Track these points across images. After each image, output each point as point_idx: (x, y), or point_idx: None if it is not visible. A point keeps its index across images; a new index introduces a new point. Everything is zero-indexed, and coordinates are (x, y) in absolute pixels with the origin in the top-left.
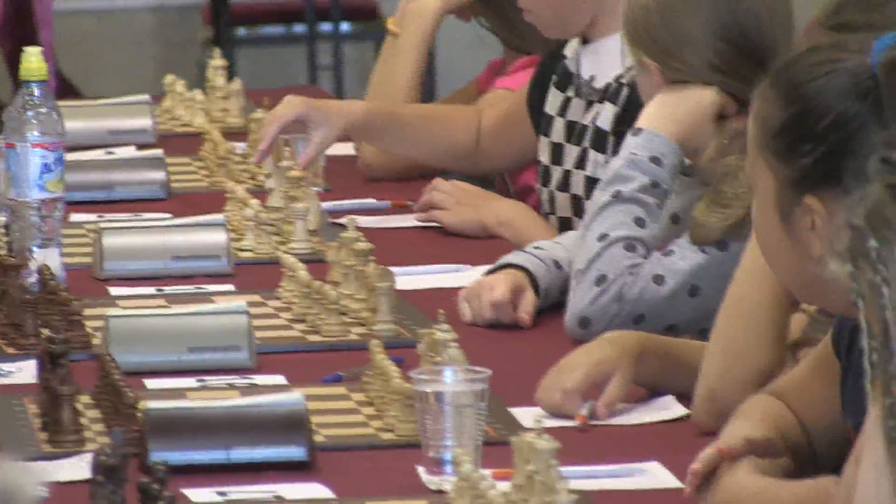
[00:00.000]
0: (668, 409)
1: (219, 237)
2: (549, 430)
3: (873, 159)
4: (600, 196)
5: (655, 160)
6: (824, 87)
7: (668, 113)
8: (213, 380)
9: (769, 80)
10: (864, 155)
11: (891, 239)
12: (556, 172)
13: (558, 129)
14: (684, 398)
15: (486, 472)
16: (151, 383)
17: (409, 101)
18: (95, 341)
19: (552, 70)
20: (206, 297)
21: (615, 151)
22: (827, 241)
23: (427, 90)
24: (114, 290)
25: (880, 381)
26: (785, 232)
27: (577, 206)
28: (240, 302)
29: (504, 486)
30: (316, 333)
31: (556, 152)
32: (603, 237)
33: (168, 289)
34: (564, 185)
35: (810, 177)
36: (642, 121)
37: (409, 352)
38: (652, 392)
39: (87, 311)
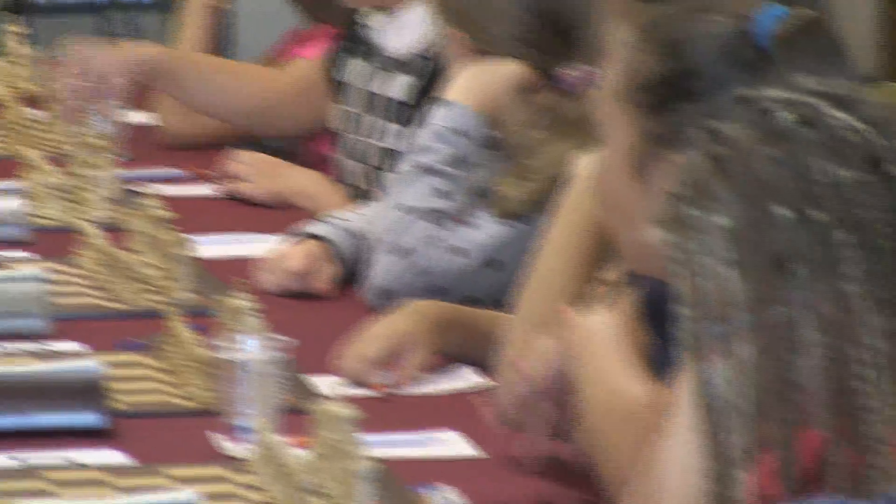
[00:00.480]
0: (466, 379)
1: (13, 204)
2: (350, 399)
3: (695, 128)
4: (404, 167)
5: (460, 132)
6: (705, 48)
7: (474, 85)
8: (10, 346)
9: (639, 31)
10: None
11: (710, 208)
12: (353, 143)
13: (356, 99)
14: (485, 368)
15: (286, 439)
16: None
17: None
18: None
19: (352, 39)
20: (1, 264)
21: (415, 123)
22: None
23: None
24: None
25: (692, 348)
26: (636, 188)
27: (373, 177)
28: (35, 269)
29: (303, 453)
30: (114, 301)
31: (353, 122)
32: (405, 208)
33: None
34: (361, 155)
35: (678, 135)
36: (447, 93)
37: (208, 320)
38: (453, 362)
39: None
